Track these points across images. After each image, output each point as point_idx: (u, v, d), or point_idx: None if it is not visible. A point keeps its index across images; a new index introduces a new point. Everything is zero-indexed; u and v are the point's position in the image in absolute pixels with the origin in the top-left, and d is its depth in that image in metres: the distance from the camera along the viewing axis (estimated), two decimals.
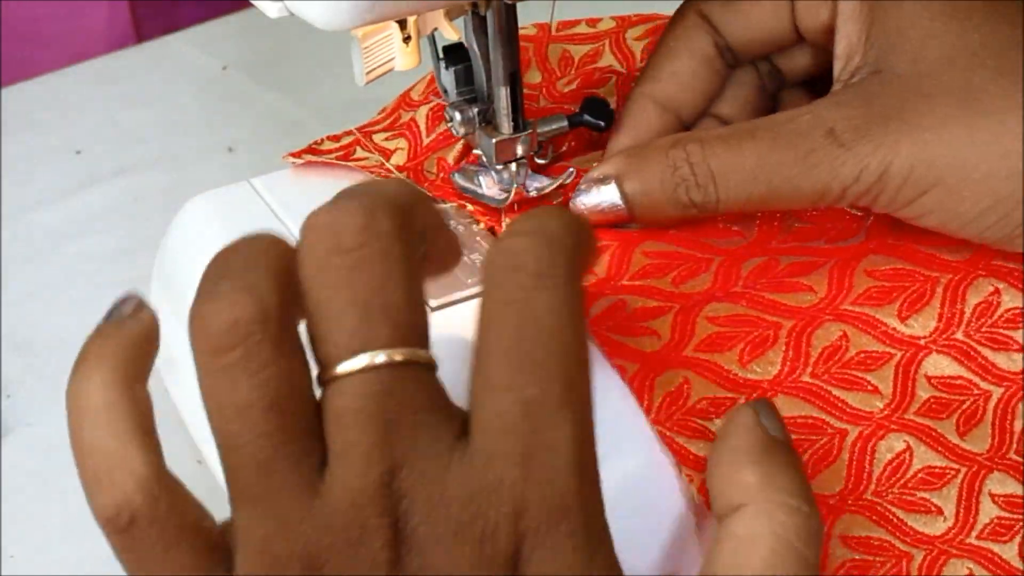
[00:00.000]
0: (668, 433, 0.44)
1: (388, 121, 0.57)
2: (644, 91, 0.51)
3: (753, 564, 0.39)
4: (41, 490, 0.61)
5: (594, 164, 0.53)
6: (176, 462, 0.60)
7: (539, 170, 0.52)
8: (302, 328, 0.37)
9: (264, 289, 0.35)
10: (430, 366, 0.37)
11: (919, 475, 0.46)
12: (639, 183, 0.48)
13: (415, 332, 0.36)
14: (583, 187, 0.49)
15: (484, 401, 0.37)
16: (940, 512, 0.46)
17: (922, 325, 0.46)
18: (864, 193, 0.46)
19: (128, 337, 0.38)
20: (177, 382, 0.56)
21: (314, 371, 0.37)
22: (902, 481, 0.45)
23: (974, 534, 0.46)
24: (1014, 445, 0.46)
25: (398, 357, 0.36)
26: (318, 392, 0.37)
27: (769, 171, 0.46)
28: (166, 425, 0.60)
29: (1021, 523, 0.46)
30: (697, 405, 0.45)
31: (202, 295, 0.36)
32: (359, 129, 0.57)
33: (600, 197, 0.49)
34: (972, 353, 0.46)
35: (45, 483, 0.61)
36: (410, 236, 0.37)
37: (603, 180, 0.49)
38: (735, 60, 0.52)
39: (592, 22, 0.59)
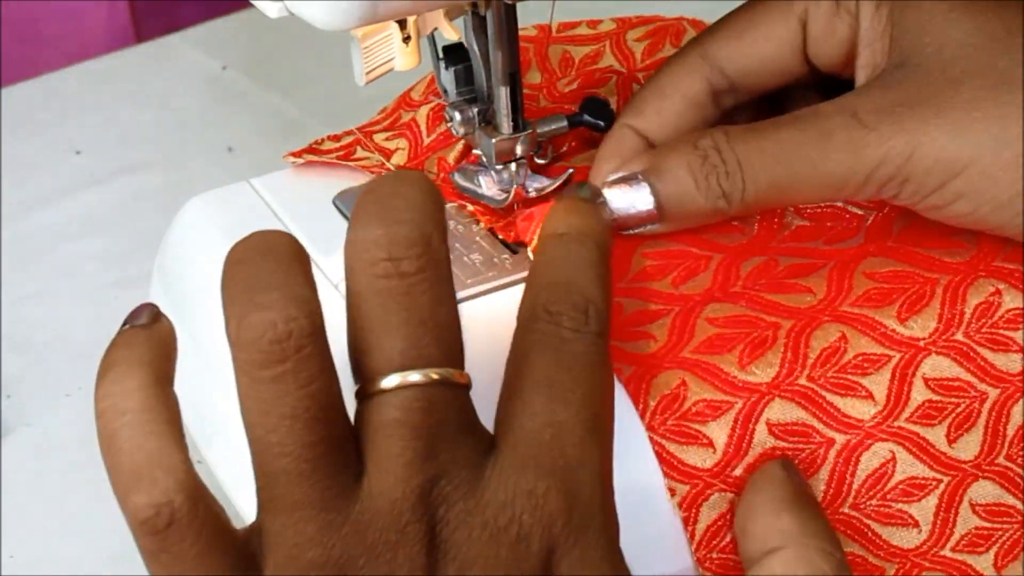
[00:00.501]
0: (660, 440, 0.44)
1: (388, 121, 0.57)
2: (627, 122, 0.51)
3: None
4: (41, 490, 0.61)
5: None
6: None
7: (539, 170, 0.52)
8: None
9: (313, 301, 0.37)
10: (467, 387, 0.39)
11: (900, 486, 0.46)
12: (669, 177, 0.47)
13: (457, 353, 0.38)
14: (606, 188, 0.48)
15: (517, 422, 0.39)
16: (916, 524, 0.46)
17: (922, 326, 0.46)
18: (891, 178, 0.46)
19: (156, 341, 0.39)
20: (177, 380, 0.56)
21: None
22: (882, 492, 0.45)
23: (949, 546, 0.46)
24: (1004, 449, 0.46)
25: (441, 376, 0.37)
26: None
27: (791, 155, 0.46)
28: None
29: (1000, 532, 0.46)
30: (693, 408, 0.44)
31: (244, 303, 0.37)
32: (359, 129, 0.57)
33: (628, 198, 0.48)
34: (972, 354, 0.46)
35: (45, 483, 0.61)
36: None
37: (630, 179, 0.48)
38: (735, 98, 0.52)
39: (592, 23, 0.59)
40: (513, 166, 0.51)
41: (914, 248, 0.48)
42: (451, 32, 0.50)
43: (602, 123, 0.53)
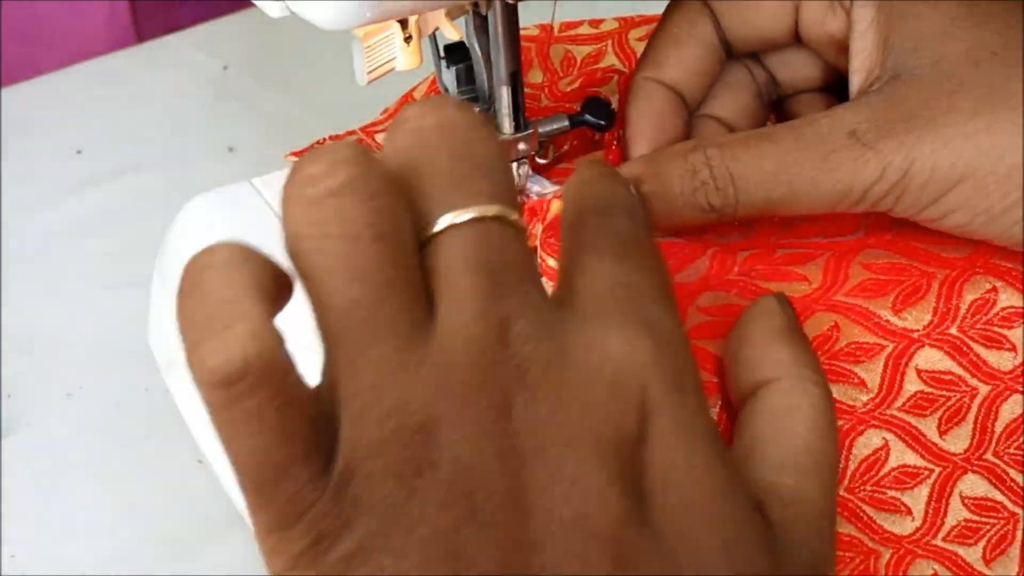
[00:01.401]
0: None
1: (391, 121, 0.57)
2: (649, 75, 0.51)
3: (797, 432, 0.41)
4: (41, 490, 0.61)
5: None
6: (176, 462, 0.61)
7: (540, 170, 0.52)
8: None
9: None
10: (523, 230, 0.36)
11: (893, 473, 0.46)
12: (658, 187, 0.47)
13: (509, 192, 0.36)
14: None
15: (581, 284, 0.36)
16: (909, 512, 0.46)
17: (916, 318, 0.46)
18: (887, 192, 0.46)
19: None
20: (178, 382, 0.56)
21: None
22: (875, 478, 0.45)
23: (940, 535, 0.46)
24: (992, 445, 0.46)
25: (500, 213, 0.35)
26: None
27: (789, 172, 0.46)
28: (166, 425, 0.60)
29: (988, 526, 0.46)
30: None
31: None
32: (362, 129, 0.57)
33: None
34: (964, 349, 0.46)
35: (45, 483, 0.61)
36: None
37: None
38: (729, 52, 0.52)
39: (595, 23, 0.59)
40: (515, 166, 0.51)
41: (913, 241, 0.48)
42: (452, 32, 0.50)
43: (603, 122, 0.53)
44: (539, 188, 0.52)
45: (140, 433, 0.63)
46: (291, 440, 0.33)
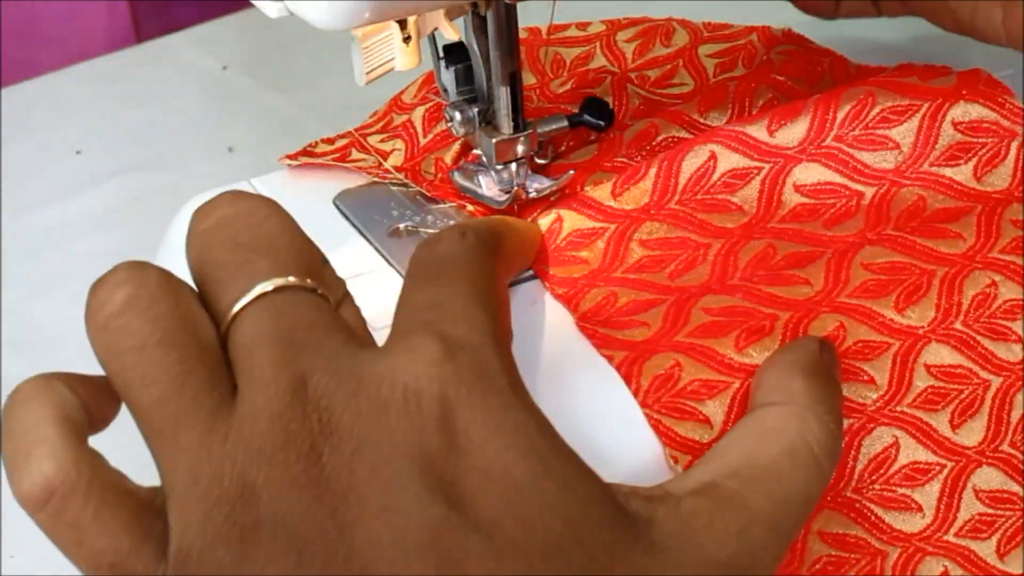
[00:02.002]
0: (655, 415, 0.44)
1: (380, 124, 0.57)
2: None
3: (769, 453, 0.41)
4: None
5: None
6: None
7: (539, 170, 0.52)
8: None
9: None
10: (321, 294, 0.38)
11: (903, 471, 0.46)
12: None
13: (296, 263, 0.38)
14: None
15: (402, 311, 0.39)
16: (919, 509, 0.46)
17: (920, 316, 0.47)
18: None
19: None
20: None
21: None
22: (884, 476, 0.46)
23: (952, 531, 0.46)
24: (1009, 436, 0.47)
25: (282, 284, 0.37)
26: None
27: None
28: None
29: (1003, 519, 0.46)
30: (688, 387, 0.45)
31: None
32: (356, 130, 0.57)
33: None
34: (972, 342, 0.47)
35: None
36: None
37: None
38: None
39: (581, 25, 0.59)
40: (513, 166, 0.52)
41: (912, 237, 0.48)
42: (451, 32, 0.50)
43: (602, 123, 0.53)
44: (538, 185, 0.52)
45: (140, 433, 0.63)
46: (116, 537, 0.36)
